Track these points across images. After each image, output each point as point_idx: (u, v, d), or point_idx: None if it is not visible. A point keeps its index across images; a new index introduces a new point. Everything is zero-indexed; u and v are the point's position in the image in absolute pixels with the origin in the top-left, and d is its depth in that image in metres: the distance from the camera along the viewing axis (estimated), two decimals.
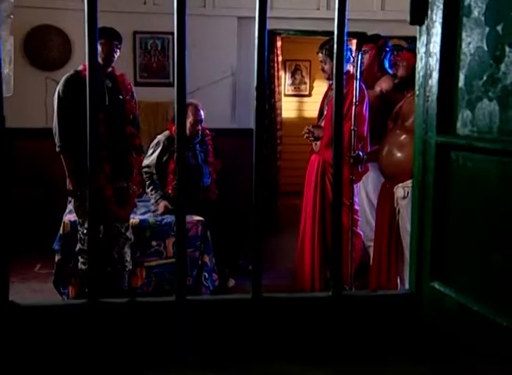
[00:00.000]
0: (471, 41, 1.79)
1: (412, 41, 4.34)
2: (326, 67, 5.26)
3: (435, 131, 1.94)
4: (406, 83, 4.86)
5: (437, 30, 1.91)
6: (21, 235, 6.57)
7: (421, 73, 2.02)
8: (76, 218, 5.14)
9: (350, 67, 5.47)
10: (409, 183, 4.32)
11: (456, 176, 1.88)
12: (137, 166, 5.11)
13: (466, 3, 1.81)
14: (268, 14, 6.79)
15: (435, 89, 1.93)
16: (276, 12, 7.25)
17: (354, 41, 7.37)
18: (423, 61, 2.00)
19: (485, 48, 1.74)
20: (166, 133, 5.96)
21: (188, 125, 5.82)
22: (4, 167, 1.84)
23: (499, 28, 1.69)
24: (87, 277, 1.95)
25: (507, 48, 1.65)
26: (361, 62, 5.09)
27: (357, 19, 7.16)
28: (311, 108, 9.07)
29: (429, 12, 1.95)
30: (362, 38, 6.31)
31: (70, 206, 5.75)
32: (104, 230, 4.94)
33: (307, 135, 5.35)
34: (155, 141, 5.94)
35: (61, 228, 5.25)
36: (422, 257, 2.02)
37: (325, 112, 5.45)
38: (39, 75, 7.09)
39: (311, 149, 5.63)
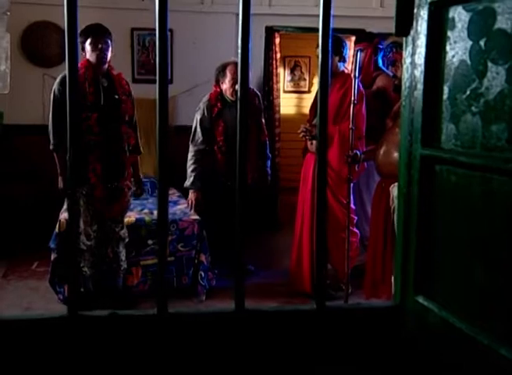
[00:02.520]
0: (455, 54, 1.77)
1: None
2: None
3: (419, 143, 1.91)
4: None
5: (422, 41, 1.88)
6: (19, 232, 6.60)
7: (407, 84, 1.99)
8: None
9: (344, 68, 5.46)
10: None
11: (440, 190, 1.86)
12: (130, 165, 5.09)
13: (450, 16, 1.78)
14: (267, 11, 6.80)
15: (419, 101, 1.91)
16: (275, 9, 7.25)
17: (353, 38, 7.36)
18: (408, 72, 1.98)
19: (469, 62, 1.71)
20: (205, 99, 5.86)
21: (227, 85, 5.73)
22: None
23: (482, 43, 1.66)
24: (67, 290, 1.93)
25: (490, 64, 1.63)
26: (360, 61, 5.06)
27: (356, 15, 7.16)
28: None
29: (414, 23, 1.92)
30: (357, 37, 6.30)
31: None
32: (98, 229, 4.95)
33: (303, 134, 5.32)
34: (197, 111, 5.86)
35: (57, 226, 5.25)
36: (407, 269, 2.00)
37: None
38: (37, 71, 7.10)
39: (304, 147, 5.61)
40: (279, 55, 7.70)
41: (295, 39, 9.44)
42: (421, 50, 1.89)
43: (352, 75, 4.97)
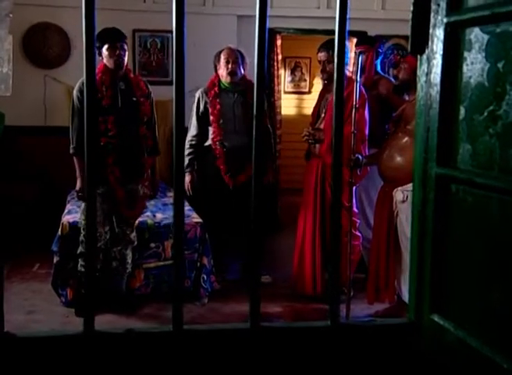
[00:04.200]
0: (472, 76, 1.77)
1: None
2: (331, 67, 5.15)
3: (435, 162, 1.92)
4: (406, 85, 4.85)
5: (437, 61, 1.89)
6: (20, 233, 6.58)
7: (422, 102, 2.00)
8: (75, 219, 5.16)
9: (347, 71, 5.46)
10: (409, 186, 4.33)
11: (456, 210, 1.86)
12: (149, 167, 5.12)
13: (467, 37, 1.79)
14: (269, 13, 6.74)
15: (435, 120, 1.91)
16: (277, 10, 7.24)
17: (354, 40, 7.35)
18: (424, 90, 1.98)
19: (486, 83, 1.72)
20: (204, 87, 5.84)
21: (222, 67, 5.67)
22: None
23: (499, 65, 1.67)
24: (84, 305, 1.94)
25: (508, 87, 1.63)
26: (361, 65, 5.05)
27: (358, 18, 7.13)
28: (311, 105, 9.09)
29: (430, 42, 1.93)
30: (358, 41, 6.29)
31: (69, 206, 5.76)
32: (109, 230, 4.97)
33: (306, 138, 5.32)
34: (194, 100, 5.80)
35: (59, 229, 5.24)
36: (422, 287, 2.01)
37: (323, 115, 5.43)
38: (38, 73, 7.10)
39: (306, 151, 5.60)
40: (280, 57, 7.71)
41: (295, 40, 9.42)
42: (437, 70, 1.90)
43: (354, 78, 4.97)
